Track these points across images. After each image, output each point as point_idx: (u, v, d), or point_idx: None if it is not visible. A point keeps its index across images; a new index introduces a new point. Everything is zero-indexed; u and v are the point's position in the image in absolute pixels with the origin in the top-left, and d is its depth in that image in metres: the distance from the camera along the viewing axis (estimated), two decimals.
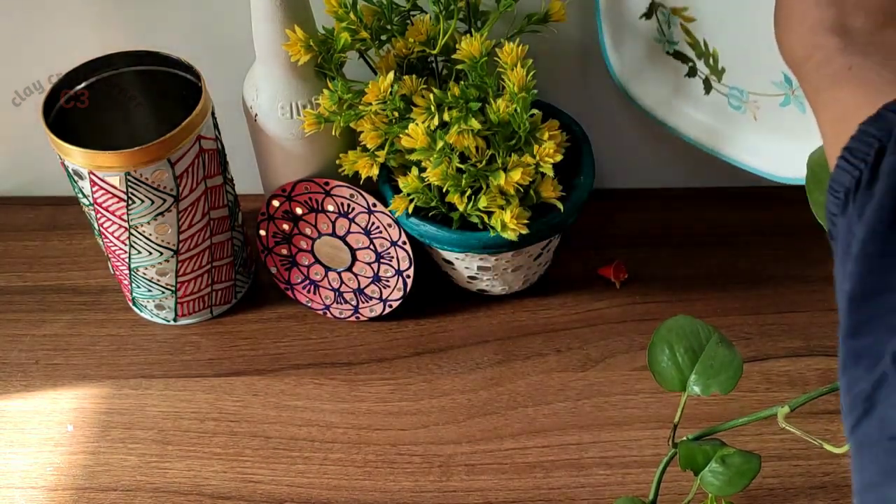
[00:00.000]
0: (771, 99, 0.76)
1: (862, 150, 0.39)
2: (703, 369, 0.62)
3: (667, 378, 0.63)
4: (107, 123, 0.80)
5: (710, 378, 0.61)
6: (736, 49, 0.75)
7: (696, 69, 0.79)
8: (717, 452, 0.61)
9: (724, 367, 0.62)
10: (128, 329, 0.85)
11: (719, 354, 0.62)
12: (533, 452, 0.75)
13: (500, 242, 0.74)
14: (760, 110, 0.77)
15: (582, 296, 0.87)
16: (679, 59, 0.80)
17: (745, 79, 0.77)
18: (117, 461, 0.76)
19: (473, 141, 0.69)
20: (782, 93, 0.75)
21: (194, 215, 0.77)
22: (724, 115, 0.79)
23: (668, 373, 0.63)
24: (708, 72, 0.78)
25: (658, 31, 0.79)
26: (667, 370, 0.63)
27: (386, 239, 0.79)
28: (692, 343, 0.63)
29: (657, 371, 0.63)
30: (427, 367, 0.82)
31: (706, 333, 0.64)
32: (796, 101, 0.74)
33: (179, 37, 0.83)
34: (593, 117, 0.86)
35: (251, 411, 0.79)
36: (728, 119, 0.79)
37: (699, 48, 0.77)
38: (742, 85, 0.77)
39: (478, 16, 0.75)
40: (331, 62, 0.73)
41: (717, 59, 0.77)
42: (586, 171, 0.78)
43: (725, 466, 0.60)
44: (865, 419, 0.36)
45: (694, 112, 0.81)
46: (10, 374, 0.82)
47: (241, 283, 0.87)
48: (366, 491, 0.73)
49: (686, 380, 0.62)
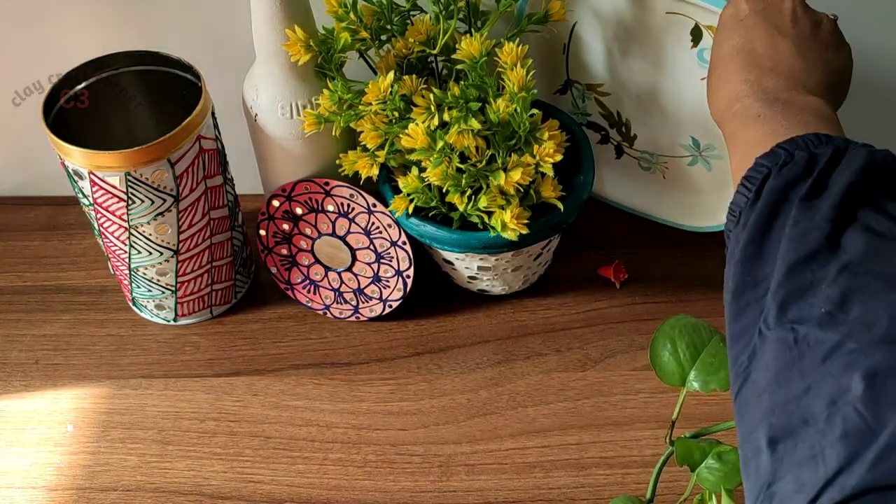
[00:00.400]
0: (679, 160, 0.84)
1: (755, 178, 0.49)
2: (703, 366, 0.62)
3: (667, 372, 0.63)
4: (107, 123, 0.80)
5: (710, 375, 0.62)
6: (647, 119, 0.83)
7: (608, 137, 0.87)
8: (714, 449, 0.61)
9: (724, 365, 0.62)
10: (128, 329, 0.85)
11: (720, 352, 0.63)
12: (533, 452, 0.75)
13: (501, 242, 0.74)
14: (669, 170, 0.86)
15: (582, 296, 0.87)
16: (592, 128, 0.87)
17: (655, 143, 0.85)
18: (117, 461, 0.76)
19: (473, 141, 0.69)
20: (690, 154, 0.83)
21: (194, 215, 0.77)
22: (634, 174, 0.88)
23: (668, 367, 0.63)
24: (620, 139, 0.86)
25: (573, 105, 0.86)
26: (668, 365, 0.63)
27: (386, 239, 0.79)
28: (694, 340, 0.64)
29: (658, 365, 0.64)
30: (427, 367, 0.82)
31: (708, 333, 0.64)
32: (703, 161, 0.83)
33: (179, 37, 0.83)
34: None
35: (251, 411, 0.79)
36: (639, 178, 0.87)
37: (613, 118, 0.85)
38: (652, 149, 0.85)
39: (478, 16, 0.75)
40: (331, 62, 0.73)
41: (630, 128, 0.85)
42: (586, 170, 0.78)
43: (722, 462, 0.60)
44: (744, 385, 0.45)
45: (608, 172, 0.89)
46: (10, 374, 0.82)
47: (241, 283, 0.87)
48: (366, 491, 0.73)
49: (686, 375, 0.63)
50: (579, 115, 0.87)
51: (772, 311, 0.44)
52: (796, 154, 0.48)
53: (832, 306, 0.42)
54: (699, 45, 0.75)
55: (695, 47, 0.75)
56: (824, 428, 0.39)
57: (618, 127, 0.85)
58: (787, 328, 0.43)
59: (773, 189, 0.47)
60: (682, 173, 0.85)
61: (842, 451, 0.38)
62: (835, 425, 0.39)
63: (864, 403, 0.38)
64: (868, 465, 0.37)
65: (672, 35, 0.75)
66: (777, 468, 0.41)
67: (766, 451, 0.42)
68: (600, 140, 0.88)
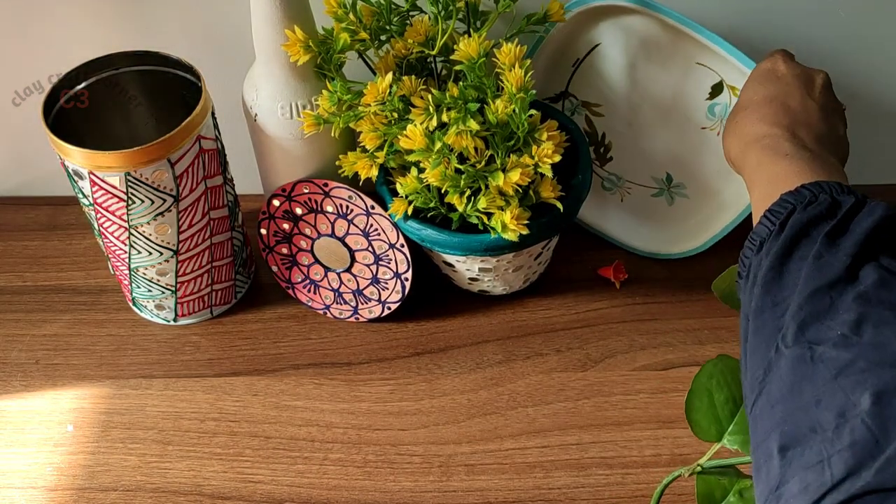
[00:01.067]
0: (645, 189, 0.88)
1: (780, 212, 0.54)
2: (742, 423, 0.59)
3: (703, 428, 0.60)
4: (107, 123, 0.80)
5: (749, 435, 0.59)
6: (631, 147, 0.86)
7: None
8: (735, 485, 0.59)
9: None
10: (128, 329, 0.85)
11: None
12: (533, 452, 0.75)
13: (503, 244, 0.74)
14: (630, 196, 0.89)
15: (582, 296, 0.87)
16: None
17: (627, 170, 0.88)
18: (117, 461, 0.76)
19: (472, 142, 0.69)
20: (658, 188, 0.88)
21: (194, 215, 0.77)
22: (593, 191, 0.89)
23: (705, 423, 0.60)
24: (594, 157, 0.88)
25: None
26: (704, 420, 0.60)
27: (384, 241, 0.79)
28: (733, 392, 0.60)
29: (694, 420, 0.60)
30: (427, 367, 0.82)
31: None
32: (667, 195, 0.87)
33: (179, 37, 0.83)
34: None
35: (251, 411, 0.79)
36: (596, 195, 0.90)
37: (594, 137, 0.87)
38: (622, 174, 0.89)
39: (477, 16, 0.75)
40: (330, 63, 0.73)
41: (609, 149, 0.88)
42: (584, 170, 0.78)
43: (744, 501, 0.58)
44: (759, 397, 0.48)
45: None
46: (10, 374, 0.82)
47: (241, 283, 0.87)
48: (366, 491, 0.73)
49: (724, 431, 0.60)
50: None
51: (790, 330, 0.48)
52: (820, 196, 0.53)
53: (847, 329, 0.46)
54: (714, 99, 0.79)
55: (710, 100, 0.80)
56: (833, 437, 0.43)
57: (597, 146, 0.88)
58: (804, 346, 0.47)
59: (797, 223, 0.52)
60: (642, 201, 0.89)
61: (849, 460, 0.41)
62: (843, 435, 0.42)
63: (872, 418, 0.42)
64: (873, 472, 0.41)
65: (693, 82, 0.79)
66: (785, 472, 0.44)
67: (776, 457, 0.45)
68: None
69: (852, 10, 0.81)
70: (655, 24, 0.77)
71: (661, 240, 0.89)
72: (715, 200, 0.85)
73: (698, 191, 0.86)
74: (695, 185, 0.85)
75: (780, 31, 0.82)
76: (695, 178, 0.85)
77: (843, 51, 0.84)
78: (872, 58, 0.85)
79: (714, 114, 0.80)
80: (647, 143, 0.85)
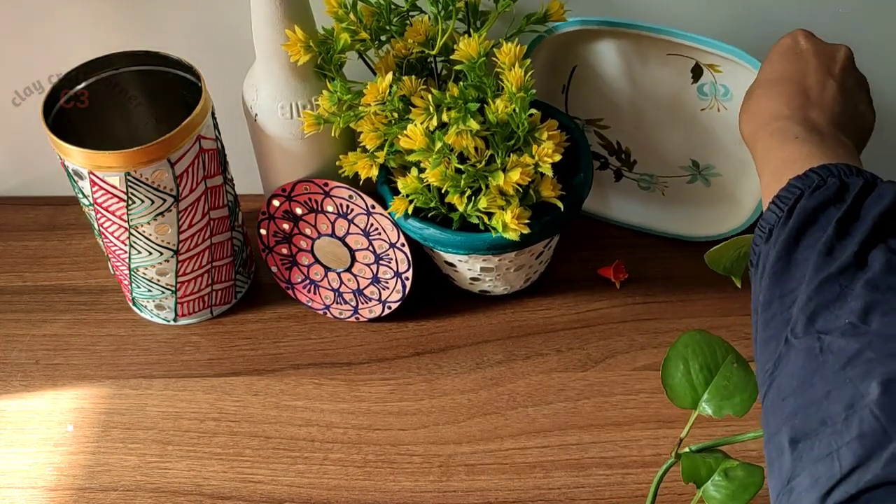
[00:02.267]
0: (678, 179, 0.89)
1: (787, 198, 0.53)
2: (717, 390, 0.61)
3: (679, 394, 0.62)
4: (107, 123, 0.80)
5: (724, 399, 0.60)
6: (647, 146, 0.87)
7: (607, 163, 0.90)
8: (721, 465, 0.60)
9: (738, 390, 0.60)
10: (128, 329, 0.85)
11: (735, 376, 0.61)
12: (533, 452, 0.75)
13: (505, 242, 0.74)
14: (669, 188, 0.89)
15: (582, 296, 0.87)
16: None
17: (654, 167, 0.89)
18: (117, 461, 0.76)
19: (472, 141, 0.69)
20: (689, 174, 0.88)
21: (194, 215, 0.77)
22: (634, 194, 0.91)
23: (680, 389, 0.62)
24: (619, 164, 0.89)
25: None
26: (679, 386, 0.62)
27: (385, 240, 0.79)
28: (708, 360, 0.62)
29: (669, 385, 0.62)
30: (427, 367, 0.82)
31: (723, 352, 0.62)
32: (702, 178, 0.87)
33: (179, 37, 0.83)
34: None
35: (251, 411, 0.79)
36: (639, 197, 0.91)
37: (612, 148, 0.88)
38: (652, 171, 0.89)
39: (477, 16, 0.75)
40: (330, 62, 0.73)
41: (630, 155, 0.88)
42: (585, 169, 0.78)
43: (728, 480, 0.59)
44: (769, 390, 0.48)
45: (607, 193, 0.92)
46: (10, 374, 0.82)
47: (241, 283, 0.87)
48: (366, 491, 0.73)
49: (699, 398, 0.61)
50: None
51: (800, 322, 0.47)
52: (829, 180, 0.52)
53: (855, 318, 0.45)
54: (699, 80, 0.80)
55: (695, 83, 0.81)
56: (842, 429, 0.42)
57: (617, 154, 0.89)
58: (813, 337, 0.46)
59: (804, 209, 0.51)
60: (682, 190, 0.89)
61: (858, 451, 0.41)
62: (851, 427, 0.42)
63: (880, 408, 0.41)
64: (883, 463, 0.40)
65: (672, 71, 0.80)
66: (796, 466, 0.44)
67: (787, 451, 0.45)
68: (599, 166, 0.91)
69: (850, 5, 0.81)
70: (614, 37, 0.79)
71: (716, 220, 0.88)
72: (748, 167, 0.84)
73: (728, 166, 0.86)
74: (722, 162, 0.86)
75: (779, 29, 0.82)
76: (719, 156, 0.85)
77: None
78: (872, 57, 0.85)
79: (705, 93, 0.81)
80: (660, 139, 0.86)
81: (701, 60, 0.79)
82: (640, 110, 0.84)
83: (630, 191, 0.91)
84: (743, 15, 0.82)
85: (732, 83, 0.79)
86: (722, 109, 0.81)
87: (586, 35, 0.80)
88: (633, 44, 0.79)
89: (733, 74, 0.78)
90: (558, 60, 0.83)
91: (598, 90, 0.84)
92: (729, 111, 0.81)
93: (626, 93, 0.83)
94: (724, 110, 0.81)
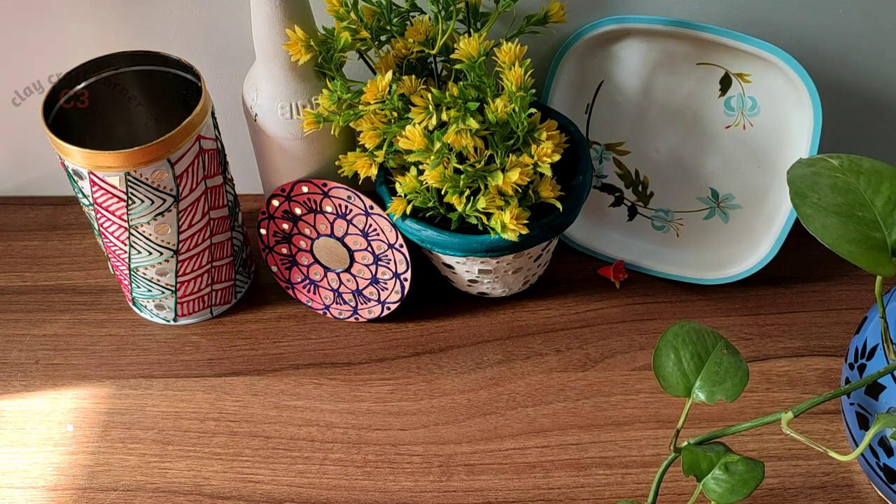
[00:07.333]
0: (695, 214, 0.86)
1: None
2: (708, 376, 0.62)
3: (671, 383, 0.62)
4: (107, 123, 0.80)
5: (716, 385, 0.61)
6: (667, 173, 0.85)
7: (622, 198, 0.88)
8: (721, 459, 0.60)
9: (729, 375, 0.61)
10: (128, 329, 0.85)
11: (725, 361, 0.62)
12: (533, 452, 0.75)
13: (503, 244, 0.74)
14: (683, 227, 0.87)
15: (582, 296, 0.87)
16: (606, 191, 0.88)
17: (672, 200, 0.87)
18: (117, 461, 0.76)
19: (472, 141, 0.69)
20: (707, 207, 0.86)
21: (194, 215, 0.77)
22: (646, 235, 0.89)
23: (672, 378, 0.62)
24: (635, 198, 0.87)
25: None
26: (672, 375, 0.62)
27: (383, 241, 0.79)
28: (698, 349, 0.63)
29: (662, 376, 0.62)
30: (427, 367, 0.82)
31: (712, 340, 0.63)
32: (720, 213, 0.85)
33: (179, 37, 0.83)
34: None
35: (251, 411, 0.79)
36: (651, 238, 0.89)
37: (629, 178, 0.86)
38: (668, 206, 0.87)
39: (477, 16, 0.75)
40: (331, 62, 0.73)
41: (647, 185, 0.87)
42: (584, 171, 0.78)
43: (729, 474, 0.59)
44: None
45: (618, 236, 0.90)
46: (10, 374, 0.82)
47: (241, 283, 0.87)
48: (366, 491, 0.73)
49: (691, 386, 0.62)
50: (594, 178, 0.87)
51: None
52: None
53: None
54: (727, 93, 0.79)
55: (722, 96, 0.80)
56: None
57: (634, 186, 0.87)
58: None
59: None
60: (698, 229, 0.87)
61: None
62: None
63: None
64: None
65: (699, 84, 0.79)
66: None
67: None
68: (613, 203, 0.89)
69: (851, 4, 0.81)
70: (645, 40, 0.78)
71: (729, 261, 0.85)
72: (769, 194, 0.83)
73: (748, 195, 0.84)
74: (742, 191, 0.84)
75: (779, 27, 0.82)
76: (739, 183, 0.83)
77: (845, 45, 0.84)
78: (872, 56, 0.85)
79: (732, 107, 0.80)
80: (681, 163, 0.84)
81: (731, 69, 0.78)
82: (663, 130, 0.83)
83: (642, 232, 0.89)
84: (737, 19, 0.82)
85: (760, 94, 0.78)
86: (748, 126, 0.80)
87: (616, 40, 0.78)
88: (663, 52, 0.78)
89: (762, 84, 0.77)
90: (586, 72, 0.82)
91: (623, 108, 0.83)
92: (755, 128, 0.80)
93: (650, 110, 0.82)
94: (749, 127, 0.80)
